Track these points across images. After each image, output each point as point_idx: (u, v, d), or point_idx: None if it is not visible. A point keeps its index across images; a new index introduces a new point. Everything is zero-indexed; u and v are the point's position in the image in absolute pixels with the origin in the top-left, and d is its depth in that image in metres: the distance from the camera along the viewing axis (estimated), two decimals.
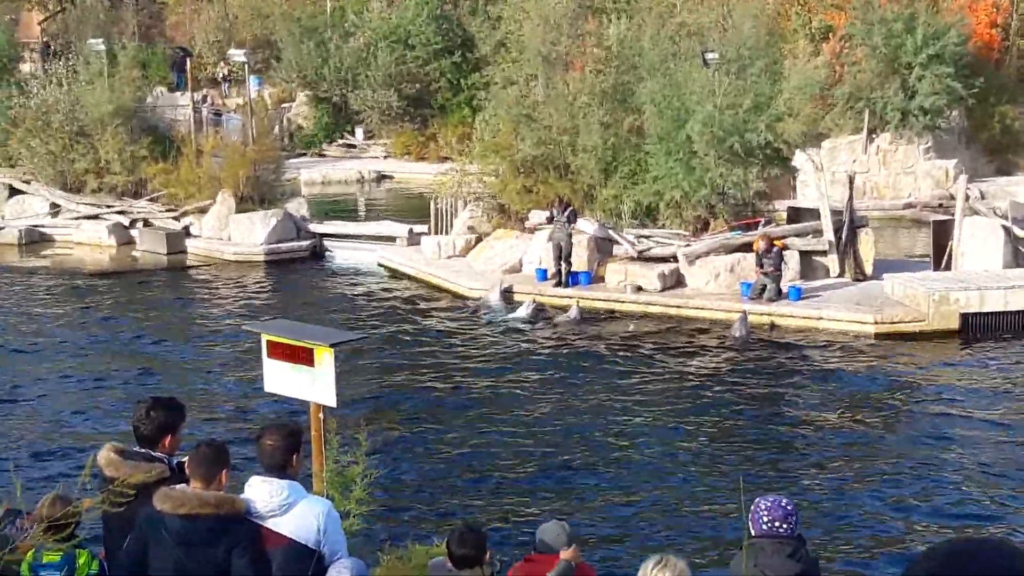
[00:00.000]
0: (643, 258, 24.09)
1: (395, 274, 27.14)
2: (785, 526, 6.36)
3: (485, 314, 23.22)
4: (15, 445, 16.00)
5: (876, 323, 21.37)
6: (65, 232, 31.34)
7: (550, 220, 24.06)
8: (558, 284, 23.94)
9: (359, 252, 28.74)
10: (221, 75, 48.14)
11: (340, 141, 46.23)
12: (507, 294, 23.85)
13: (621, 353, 20.68)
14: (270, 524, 6.08)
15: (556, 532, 7.36)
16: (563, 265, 23.84)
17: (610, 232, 24.57)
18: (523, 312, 22.93)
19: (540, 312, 23.06)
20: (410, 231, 28.69)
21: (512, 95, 27.06)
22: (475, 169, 27.85)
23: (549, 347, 21.18)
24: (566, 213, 23.75)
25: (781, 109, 23.87)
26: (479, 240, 27.07)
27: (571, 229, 23.76)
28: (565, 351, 20.87)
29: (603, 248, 24.65)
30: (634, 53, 26.38)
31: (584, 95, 26.07)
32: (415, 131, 44.25)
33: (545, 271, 24.45)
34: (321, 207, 33.67)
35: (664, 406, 17.70)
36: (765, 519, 6.38)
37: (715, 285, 23.45)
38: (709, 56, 23.90)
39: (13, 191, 32.67)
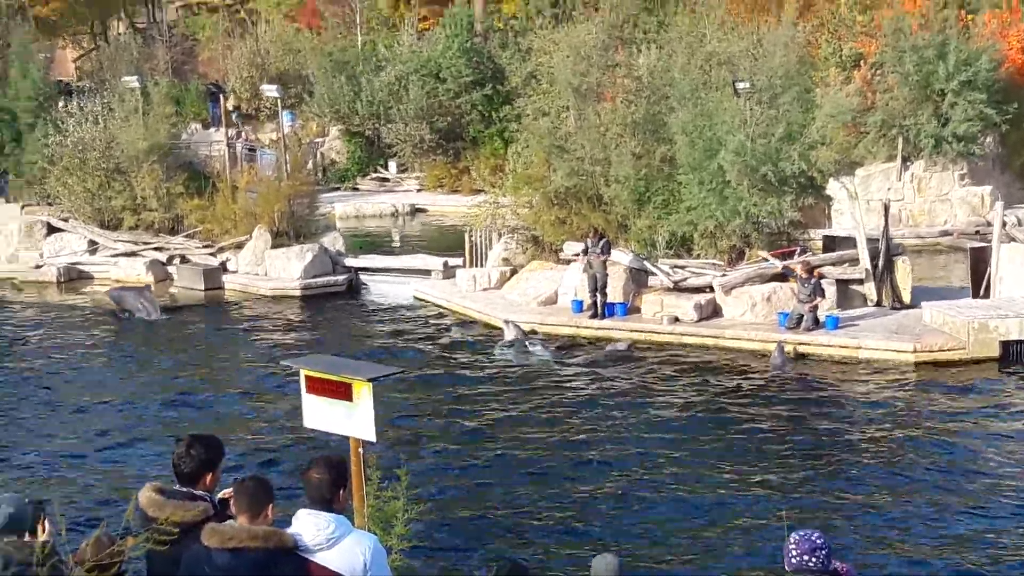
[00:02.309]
0: (679, 288, 24.04)
1: (431, 307, 27.17)
2: (813, 560, 6.45)
3: (500, 353, 23.08)
4: (57, 485, 16.07)
5: (915, 351, 21.21)
6: (103, 269, 31.59)
7: (585, 251, 24.04)
8: (594, 316, 23.90)
9: (395, 286, 28.82)
10: (233, 107, 48.38)
11: (373, 175, 46.43)
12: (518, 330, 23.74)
13: (658, 384, 20.61)
14: (317, 558, 6.09)
15: (605, 566, 7.33)
16: (599, 296, 23.81)
17: (645, 263, 24.53)
18: (509, 336, 23.04)
19: (523, 335, 23.17)
20: (445, 264, 28.75)
21: (544, 126, 27.11)
22: (508, 201, 27.89)
23: (584, 379, 21.12)
24: (600, 244, 23.73)
25: (814, 137, 23.81)
26: (514, 272, 27.08)
27: (606, 259, 23.73)
28: (600, 383, 20.80)
29: (638, 279, 24.60)
30: (664, 83, 26.40)
31: (616, 126, 26.11)
32: (448, 164, 44.39)
33: (581, 302, 24.42)
34: (356, 241, 33.81)
35: (702, 437, 17.59)
36: (794, 553, 6.52)
37: (751, 315, 23.35)
38: (740, 85, 23.87)
39: (51, 229, 33.02)
